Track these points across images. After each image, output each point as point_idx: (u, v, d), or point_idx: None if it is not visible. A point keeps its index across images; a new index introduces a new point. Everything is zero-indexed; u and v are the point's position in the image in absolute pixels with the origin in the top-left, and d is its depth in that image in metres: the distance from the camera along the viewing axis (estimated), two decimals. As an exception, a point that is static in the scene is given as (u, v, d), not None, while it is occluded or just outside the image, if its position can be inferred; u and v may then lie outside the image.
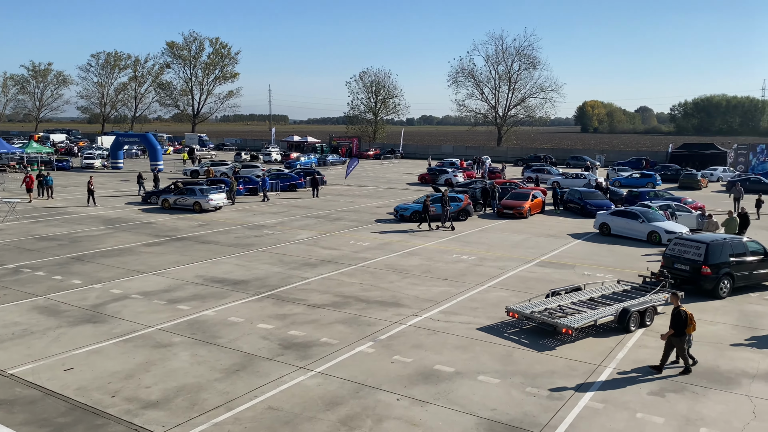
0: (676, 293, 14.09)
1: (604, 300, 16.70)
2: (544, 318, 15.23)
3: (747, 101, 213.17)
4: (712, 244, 18.95)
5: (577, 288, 17.84)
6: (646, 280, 18.22)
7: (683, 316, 12.85)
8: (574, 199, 36.47)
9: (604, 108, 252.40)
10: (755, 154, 63.63)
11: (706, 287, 18.68)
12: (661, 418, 11.08)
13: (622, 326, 15.54)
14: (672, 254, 19.70)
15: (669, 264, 19.51)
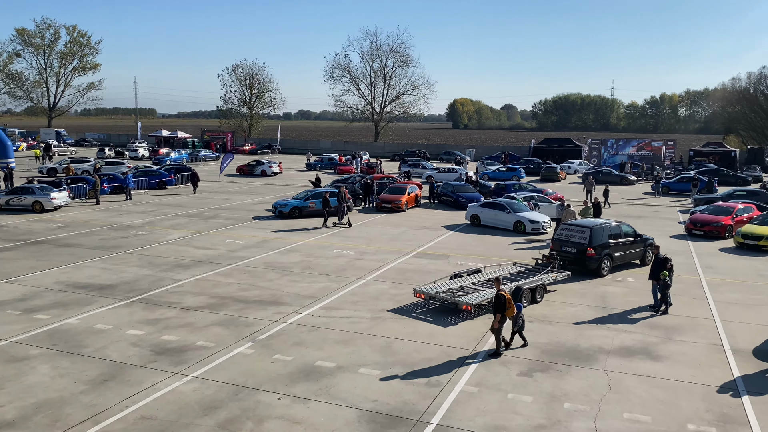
0: (498, 278, 14.51)
1: (506, 280, 18.17)
2: (448, 297, 16.77)
3: (599, 99, 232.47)
4: (594, 228, 20.99)
5: (477, 270, 19.48)
6: (538, 263, 20.11)
7: (502, 300, 13.67)
8: (447, 193, 37.88)
9: (473, 105, 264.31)
10: (606, 148, 69.57)
11: (591, 267, 20.71)
12: (530, 397, 11.83)
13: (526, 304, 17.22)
14: (560, 238, 21.50)
15: (558, 247, 21.27)
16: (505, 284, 17.40)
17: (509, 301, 13.77)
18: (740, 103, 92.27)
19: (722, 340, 15.01)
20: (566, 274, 19.50)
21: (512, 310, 13.79)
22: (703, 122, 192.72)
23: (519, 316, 14.13)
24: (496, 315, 13.76)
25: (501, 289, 13.99)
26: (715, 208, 30.51)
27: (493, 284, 17.37)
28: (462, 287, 17.60)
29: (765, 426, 10.80)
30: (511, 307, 13.75)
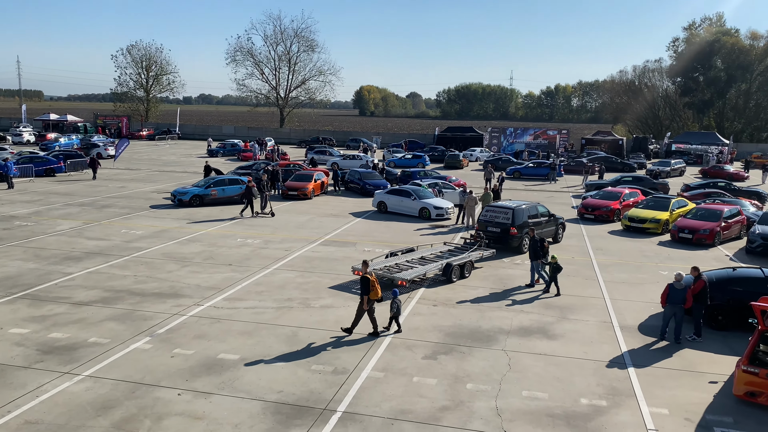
0: (366, 262, 14.42)
1: (432, 258, 19.74)
2: (384, 273, 17.70)
3: (499, 89, 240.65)
4: (516, 209, 22.76)
5: (410, 249, 20.67)
6: (466, 242, 21.59)
7: (367, 282, 13.90)
8: (354, 180, 37.89)
9: (380, 93, 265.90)
10: (506, 137, 72.17)
11: (514, 245, 22.48)
12: (435, 380, 12.07)
13: (446, 277, 18.71)
14: (485, 219, 23.05)
15: (483, 228, 22.80)
16: (437, 261, 19.23)
17: (373, 284, 13.91)
18: (627, 94, 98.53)
19: (611, 318, 15.99)
20: (491, 252, 21.12)
21: (376, 292, 13.93)
22: (593, 112, 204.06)
23: (395, 302, 14.33)
24: (362, 297, 13.95)
25: (367, 272, 14.14)
26: (605, 193, 32.41)
27: (424, 262, 19.26)
28: (397, 264, 18.77)
29: (649, 395, 11.61)
30: (374, 289, 13.90)
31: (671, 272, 20.08)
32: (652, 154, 68.71)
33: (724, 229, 25.25)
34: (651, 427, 10.46)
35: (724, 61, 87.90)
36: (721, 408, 11.18)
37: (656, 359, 13.38)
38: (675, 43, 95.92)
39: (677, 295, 14.24)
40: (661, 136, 78.45)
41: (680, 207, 28.77)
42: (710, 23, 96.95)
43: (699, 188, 36.58)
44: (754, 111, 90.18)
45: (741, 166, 56.60)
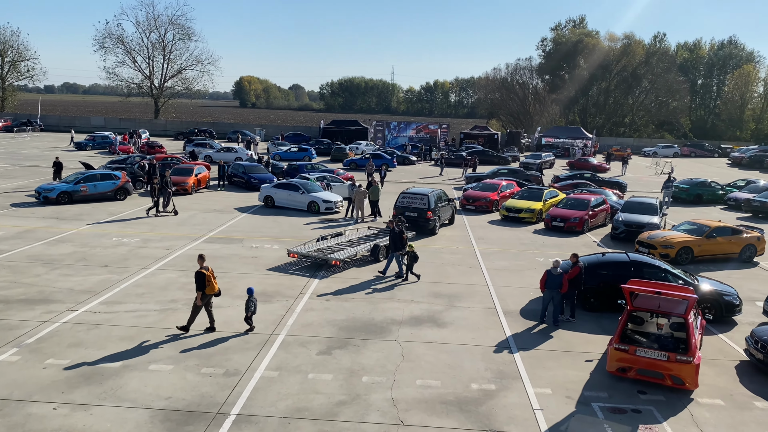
0: (202, 255, 14.05)
1: (360, 240, 21.53)
2: (319, 254, 19.55)
3: (381, 84, 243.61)
4: (430, 194, 25.41)
5: (339, 233, 22.53)
6: (388, 226, 22.12)
7: (201, 277, 13.53)
8: (238, 174, 36.82)
9: (261, 84, 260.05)
10: (390, 130, 73.33)
11: (430, 227, 24.93)
12: (330, 375, 12.02)
13: (374, 257, 20.58)
14: (402, 205, 25.26)
15: (400, 213, 24.83)
16: (364, 243, 20.97)
17: (209, 278, 13.53)
18: (500, 90, 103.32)
19: (495, 304, 16.74)
20: (412, 234, 22.93)
21: (212, 287, 13.54)
22: (470, 107, 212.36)
23: (251, 300, 13.97)
24: (197, 292, 13.52)
25: (202, 267, 13.69)
26: (484, 185, 33.88)
27: (353, 244, 20.93)
28: (329, 247, 20.37)
29: (533, 376, 12.28)
30: (210, 284, 13.53)
31: (547, 259, 21.38)
32: (525, 147, 72.73)
33: (591, 217, 27.27)
34: (536, 407, 11.08)
35: (587, 60, 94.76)
36: (597, 384, 12.07)
37: (538, 342, 14.18)
38: (543, 42, 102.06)
39: (554, 281, 15.17)
40: (532, 131, 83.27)
41: (552, 197, 30.69)
42: (574, 25, 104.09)
43: (568, 179, 39.19)
44: (613, 107, 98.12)
45: (603, 158, 61.31)
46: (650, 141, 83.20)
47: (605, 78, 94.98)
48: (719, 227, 22.68)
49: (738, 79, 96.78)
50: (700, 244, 21.95)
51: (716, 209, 34.70)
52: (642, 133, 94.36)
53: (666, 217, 27.40)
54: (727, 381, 12.46)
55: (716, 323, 15.70)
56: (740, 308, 15.99)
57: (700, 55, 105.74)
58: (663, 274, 16.17)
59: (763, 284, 19.44)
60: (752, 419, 10.93)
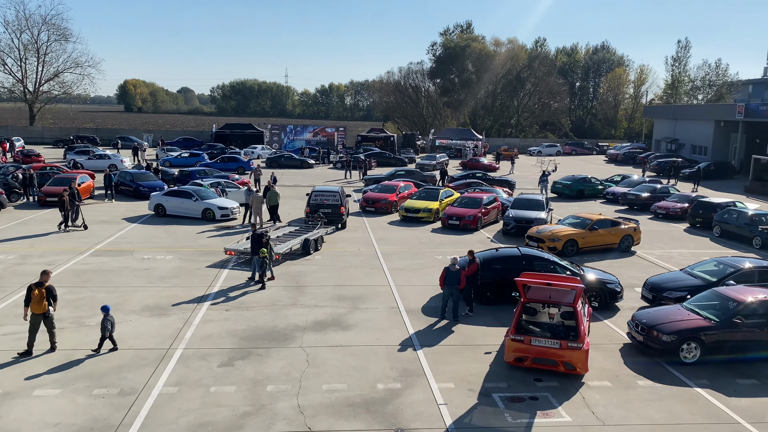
0: (46, 271, 13.02)
1: (289, 237, 22.68)
2: None
3: (275, 86, 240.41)
4: (340, 191, 27.64)
5: (265, 230, 22.52)
6: (307, 222, 25.34)
7: (28, 291, 12.68)
8: (125, 182, 34.97)
9: (147, 87, 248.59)
10: (286, 134, 72.51)
11: (343, 221, 27.05)
12: (233, 387, 11.68)
13: (304, 251, 21.97)
14: (316, 203, 26.69)
15: (314, 210, 26.15)
16: (294, 238, 22.16)
17: (34, 296, 12.53)
18: (394, 94, 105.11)
19: (398, 303, 16.98)
20: (332, 228, 25.60)
21: (40, 307, 12.56)
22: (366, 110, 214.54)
23: (107, 319, 12.92)
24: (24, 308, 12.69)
25: (40, 281, 12.74)
26: (383, 186, 34.29)
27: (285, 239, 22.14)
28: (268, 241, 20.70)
29: (436, 372, 12.57)
30: (39, 303, 12.53)
31: (445, 256, 21.98)
32: (420, 149, 74.42)
33: (484, 215, 28.34)
34: (441, 402, 11.34)
35: (474, 64, 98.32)
36: (496, 375, 12.55)
37: (440, 338, 14.54)
38: (433, 47, 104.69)
39: (453, 277, 15.62)
40: (426, 132, 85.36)
41: (448, 197, 31.60)
42: (462, 30, 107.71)
43: (461, 179, 40.51)
44: (500, 109, 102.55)
45: (493, 158, 63.94)
46: (535, 141, 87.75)
47: (492, 81, 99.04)
48: (600, 220, 24.32)
49: (611, 82, 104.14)
50: (584, 236, 23.42)
51: (597, 203, 37.16)
52: (527, 134, 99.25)
53: (552, 212, 28.99)
54: (614, 363, 13.36)
55: (601, 310, 16.79)
56: (622, 295, 17.21)
57: (577, 59, 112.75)
58: (552, 266, 17.10)
59: (640, 271, 21.03)
60: (636, 397, 11.79)
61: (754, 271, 16.86)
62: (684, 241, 26.66)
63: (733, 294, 14.14)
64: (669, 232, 28.68)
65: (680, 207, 31.72)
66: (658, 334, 13.32)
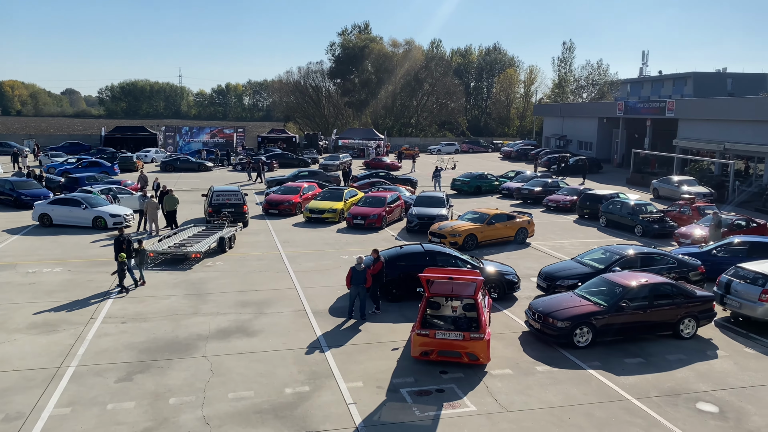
0: None
1: (201, 236, 23.26)
2: (177, 250, 21.09)
3: (168, 87, 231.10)
4: (239, 191, 28.55)
5: (176, 232, 23.98)
6: (215, 222, 25.94)
7: None
8: (5, 191, 32.37)
9: (27, 89, 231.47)
10: (182, 136, 69.89)
11: (246, 219, 27.79)
12: (132, 402, 11.12)
13: (220, 248, 22.64)
14: (218, 203, 27.30)
15: (217, 210, 26.96)
16: (207, 237, 22.80)
17: None
18: (294, 94, 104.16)
19: (305, 306, 16.84)
20: (241, 226, 26.76)
21: None
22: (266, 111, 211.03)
23: None
24: None
25: None
26: (286, 188, 33.88)
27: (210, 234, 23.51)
28: (180, 242, 21.88)
29: (345, 372, 12.58)
30: None
31: (351, 256, 22.05)
32: (323, 149, 74.23)
33: (388, 213, 28.70)
34: (350, 401, 11.37)
35: (373, 65, 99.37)
36: (404, 370, 12.75)
37: (348, 337, 14.57)
38: (332, 47, 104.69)
39: (359, 277, 15.70)
40: (329, 133, 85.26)
41: (352, 196, 31.72)
42: (360, 31, 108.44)
43: (365, 179, 40.80)
44: (400, 109, 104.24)
45: (395, 157, 64.90)
46: (434, 140, 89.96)
47: (391, 81, 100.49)
48: (497, 214, 25.31)
49: (503, 82, 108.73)
50: (482, 230, 24.29)
51: (493, 198, 38.63)
52: (427, 133, 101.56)
53: (452, 208, 29.84)
54: (513, 351, 13.95)
55: (500, 300, 17.48)
56: (519, 285, 18.01)
57: (471, 60, 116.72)
58: (454, 261, 17.61)
59: (535, 262, 22.08)
60: (535, 382, 12.37)
61: (637, 258, 18.18)
62: (574, 232, 28.29)
63: (618, 280, 15.16)
64: (560, 223, 30.32)
65: (569, 200, 33.63)
66: (553, 321, 14.04)
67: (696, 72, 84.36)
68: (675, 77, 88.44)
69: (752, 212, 32.73)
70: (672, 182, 38.83)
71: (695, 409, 11.36)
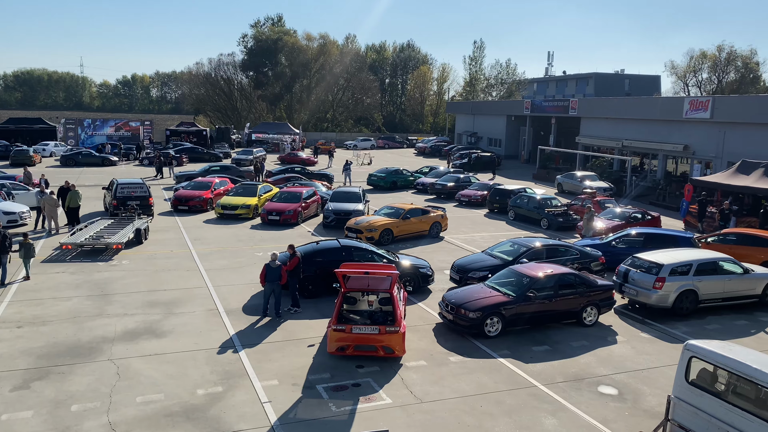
0: None
1: (114, 228, 22.99)
2: (97, 241, 21.07)
3: (69, 77, 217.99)
4: (144, 183, 28.21)
5: (86, 225, 23.26)
6: (122, 215, 25.46)
7: None
8: None
9: None
10: (84, 129, 66.19)
11: (151, 212, 27.81)
12: (30, 411, 10.45)
13: (137, 239, 22.73)
14: (123, 195, 27.16)
15: (122, 203, 26.77)
16: (123, 228, 22.88)
17: None
18: (205, 86, 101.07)
19: (217, 305, 16.42)
20: (151, 218, 26.58)
21: None
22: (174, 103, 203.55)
23: None
24: None
25: None
26: (196, 183, 32.84)
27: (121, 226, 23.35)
28: (96, 234, 21.81)
29: (259, 371, 12.38)
30: None
31: (265, 253, 21.70)
32: (235, 143, 72.53)
33: (304, 209, 28.46)
34: (265, 400, 11.20)
35: (288, 58, 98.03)
36: (320, 367, 12.70)
37: (263, 336, 14.34)
38: (244, 39, 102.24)
39: (274, 273, 15.48)
40: (242, 127, 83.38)
41: (266, 192, 31.20)
42: (273, 23, 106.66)
43: (280, 173, 40.24)
44: (316, 104, 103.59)
45: (311, 152, 64.42)
46: (351, 135, 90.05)
47: (306, 75, 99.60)
48: (412, 209, 25.69)
49: (417, 79, 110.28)
50: (398, 225, 24.59)
51: (408, 193, 39.18)
52: (343, 128, 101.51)
53: (369, 203, 30.01)
54: (428, 343, 14.22)
55: (416, 293, 17.78)
56: (433, 278, 18.38)
57: (385, 56, 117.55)
58: (370, 256, 17.72)
59: (449, 255, 22.59)
60: (449, 372, 12.68)
61: (543, 249, 18.99)
62: (485, 225, 29.19)
63: (526, 271, 15.78)
64: (472, 217, 31.19)
65: (480, 194, 34.65)
66: (465, 312, 14.42)
67: (597, 73, 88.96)
68: (578, 77, 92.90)
69: (647, 205, 34.98)
70: (575, 177, 40.81)
71: (597, 392, 12.03)
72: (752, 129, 34.72)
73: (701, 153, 38.55)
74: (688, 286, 16.42)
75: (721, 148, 36.67)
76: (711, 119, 37.02)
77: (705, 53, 79.68)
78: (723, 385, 9.06)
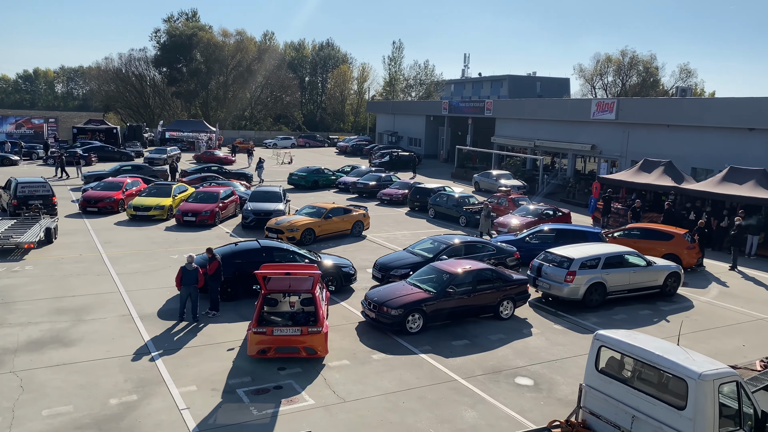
0: None
1: (21, 228, 22.09)
2: (6, 241, 20.28)
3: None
4: (47, 182, 27.44)
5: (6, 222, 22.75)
6: (25, 214, 24.07)
7: None
8: None
9: None
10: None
11: (56, 212, 26.49)
12: None
13: (46, 239, 22.09)
14: (24, 195, 26.04)
15: (23, 202, 25.58)
16: (29, 227, 21.96)
17: None
18: (115, 82, 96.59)
19: (130, 310, 15.74)
20: (57, 217, 25.25)
21: None
22: (82, 99, 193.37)
23: None
24: None
25: None
26: (106, 184, 31.33)
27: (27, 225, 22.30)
28: (4, 233, 21.04)
29: (177, 377, 11.98)
30: None
31: (182, 255, 21.00)
32: (148, 142, 69.79)
33: (222, 209, 27.76)
34: (183, 407, 10.85)
35: (203, 54, 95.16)
36: (240, 370, 12.43)
37: (180, 341, 13.87)
38: (157, 34, 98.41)
39: (190, 276, 15.00)
40: (155, 124, 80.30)
41: (181, 192, 30.22)
42: (187, 18, 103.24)
43: (196, 173, 39.07)
44: (233, 101, 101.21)
45: (228, 151, 62.89)
46: (270, 133, 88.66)
47: (223, 72, 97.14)
48: (334, 209, 25.62)
49: (337, 78, 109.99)
50: (320, 224, 24.45)
51: (330, 192, 39.04)
52: (262, 126, 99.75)
53: (290, 203, 29.67)
54: (351, 342, 14.23)
55: (338, 293, 17.74)
56: (355, 277, 18.41)
57: (305, 54, 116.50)
58: (291, 256, 17.53)
59: (371, 253, 22.70)
60: (372, 370, 12.74)
61: (462, 246, 19.44)
62: (406, 223, 29.54)
63: (445, 267, 16.10)
64: (393, 216, 31.48)
65: (401, 193, 35.03)
66: (387, 310, 14.54)
67: (511, 75, 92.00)
68: (493, 79, 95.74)
69: (558, 202, 36.55)
70: (491, 176, 42.02)
71: (514, 383, 12.45)
72: (653, 129, 36.98)
73: (607, 152, 40.67)
74: (597, 279, 17.29)
75: (626, 148, 38.84)
76: (616, 120, 39.13)
77: (610, 57, 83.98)
78: (629, 372, 9.60)
